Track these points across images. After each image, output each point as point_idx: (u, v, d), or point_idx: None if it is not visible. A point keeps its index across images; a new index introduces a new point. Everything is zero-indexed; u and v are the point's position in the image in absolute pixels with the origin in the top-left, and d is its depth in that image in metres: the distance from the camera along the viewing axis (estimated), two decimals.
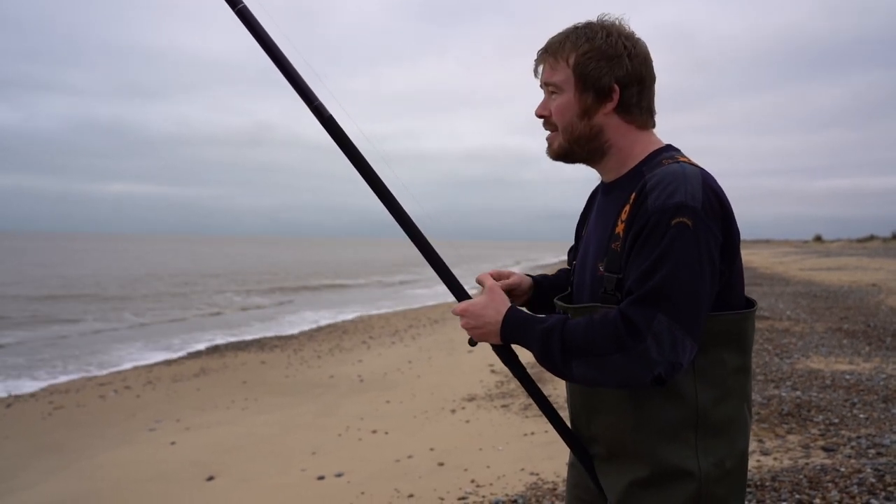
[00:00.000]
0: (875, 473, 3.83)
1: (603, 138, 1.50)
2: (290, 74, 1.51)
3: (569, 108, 1.48)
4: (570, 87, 1.48)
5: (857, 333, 9.47)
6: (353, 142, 1.54)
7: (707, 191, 1.36)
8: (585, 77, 1.46)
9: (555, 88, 1.50)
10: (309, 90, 1.52)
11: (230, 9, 1.49)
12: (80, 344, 13.04)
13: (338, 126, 1.52)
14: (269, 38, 1.51)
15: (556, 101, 1.50)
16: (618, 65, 1.44)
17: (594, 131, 1.49)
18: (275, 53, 1.50)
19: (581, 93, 1.47)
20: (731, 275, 1.42)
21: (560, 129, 1.51)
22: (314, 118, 1.52)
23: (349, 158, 1.54)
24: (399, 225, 1.56)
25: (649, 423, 1.43)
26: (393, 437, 5.59)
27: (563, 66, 1.48)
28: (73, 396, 8.07)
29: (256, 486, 4.62)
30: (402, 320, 15.46)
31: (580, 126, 1.49)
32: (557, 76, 1.49)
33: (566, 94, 1.48)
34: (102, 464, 5.31)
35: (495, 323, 1.49)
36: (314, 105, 1.51)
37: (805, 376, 6.63)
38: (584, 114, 1.48)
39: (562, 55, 1.48)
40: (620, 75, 1.45)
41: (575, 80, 1.47)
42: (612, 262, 1.44)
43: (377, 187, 1.55)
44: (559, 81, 1.48)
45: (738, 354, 1.45)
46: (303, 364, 9.70)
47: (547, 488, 4.09)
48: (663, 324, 1.30)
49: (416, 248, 1.58)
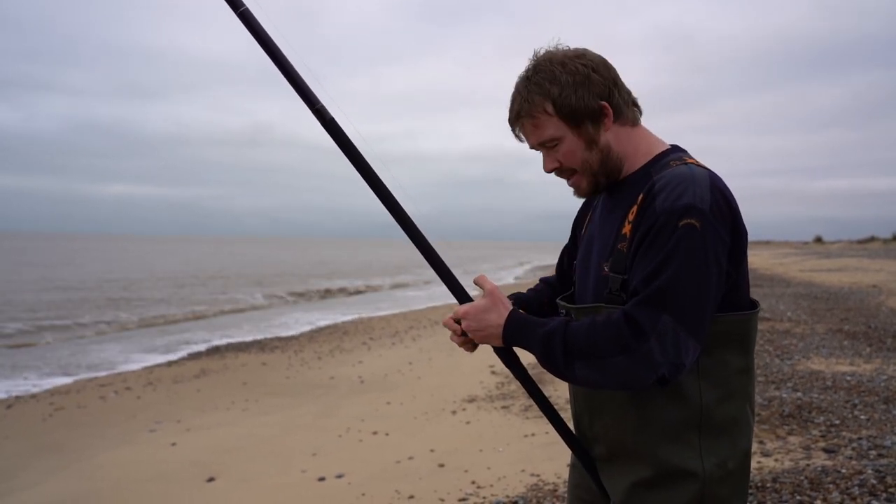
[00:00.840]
0: (876, 475, 3.82)
1: (614, 154, 1.50)
2: (293, 77, 1.50)
3: (576, 148, 1.48)
4: (565, 132, 1.47)
5: (857, 335, 9.46)
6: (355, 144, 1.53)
7: (715, 193, 1.36)
8: (574, 113, 1.45)
9: (552, 142, 1.49)
10: (311, 93, 1.51)
11: (233, 11, 1.47)
12: (80, 344, 13.04)
13: (340, 129, 1.52)
14: (271, 40, 1.50)
15: (560, 151, 1.49)
16: (591, 84, 1.44)
17: (605, 152, 1.49)
18: (277, 56, 1.49)
19: (579, 129, 1.47)
20: (738, 277, 1.42)
21: (580, 171, 1.51)
22: (314, 118, 1.51)
23: (351, 161, 1.53)
24: (401, 228, 1.55)
25: (652, 423, 1.43)
26: (393, 439, 5.58)
27: (547, 118, 1.47)
28: (73, 397, 8.06)
29: (257, 486, 4.62)
30: (402, 322, 15.44)
31: (593, 157, 1.49)
32: (548, 131, 1.48)
33: (566, 140, 1.48)
34: (103, 464, 5.31)
35: (497, 326, 1.49)
36: (316, 108, 1.50)
37: (806, 377, 6.63)
38: (591, 144, 1.48)
39: (537, 111, 1.47)
40: (599, 90, 1.45)
41: (566, 123, 1.46)
42: (617, 263, 1.43)
43: (379, 190, 1.54)
44: (553, 134, 1.48)
45: (741, 355, 1.45)
46: (303, 365, 9.69)
47: (548, 489, 4.09)
48: (668, 325, 1.30)
49: (419, 250, 1.57)
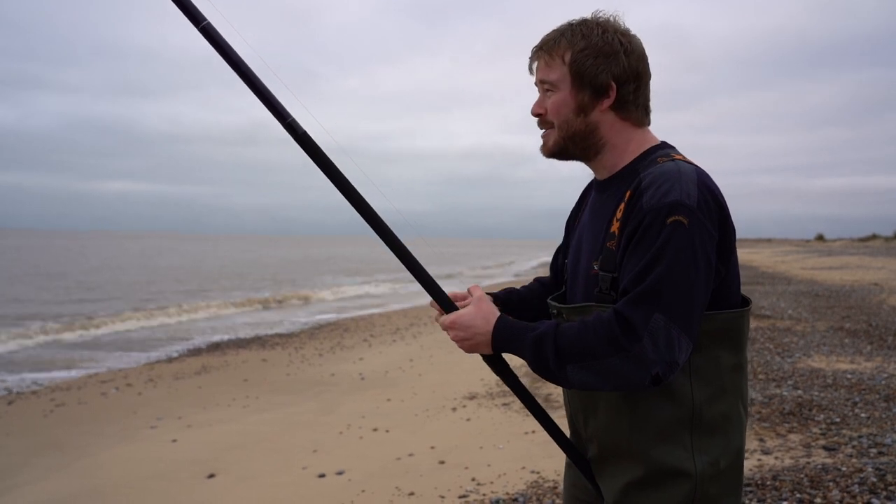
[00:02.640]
0: (876, 472, 3.82)
1: (598, 135, 1.48)
2: (261, 92, 1.44)
3: (565, 105, 1.47)
4: (566, 85, 1.46)
5: (858, 332, 9.45)
6: (330, 156, 1.48)
7: (702, 189, 1.35)
8: (582, 74, 1.44)
9: (550, 86, 1.48)
10: (281, 107, 1.45)
11: (194, 27, 1.42)
12: (79, 342, 13.05)
13: (312, 142, 1.46)
14: (236, 54, 1.44)
15: (551, 99, 1.49)
16: (614, 62, 1.43)
17: (590, 128, 1.47)
18: (243, 71, 1.43)
19: (577, 90, 1.45)
20: (728, 273, 1.42)
21: (556, 126, 1.50)
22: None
23: (326, 174, 1.48)
24: (382, 240, 1.50)
25: (645, 422, 1.42)
26: (394, 436, 5.59)
27: (559, 64, 1.46)
28: (74, 394, 8.07)
29: (257, 483, 4.62)
30: (403, 318, 15.45)
31: (576, 123, 1.47)
32: (553, 74, 1.47)
33: (562, 92, 1.47)
34: (103, 461, 5.32)
35: (485, 333, 1.47)
36: (287, 122, 1.45)
37: (806, 375, 6.62)
38: (581, 111, 1.47)
39: (557, 52, 1.46)
40: (617, 72, 1.44)
41: (571, 78, 1.45)
42: (607, 261, 1.42)
43: (358, 204, 1.49)
44: (555, 79, 1.47)
45: (733, 353, 1.45)
46: (304, 362, 9.70)
47: (548, 487, 4.09)
48: (660, 322, 1.29)
49: (400, 261, 1.52)
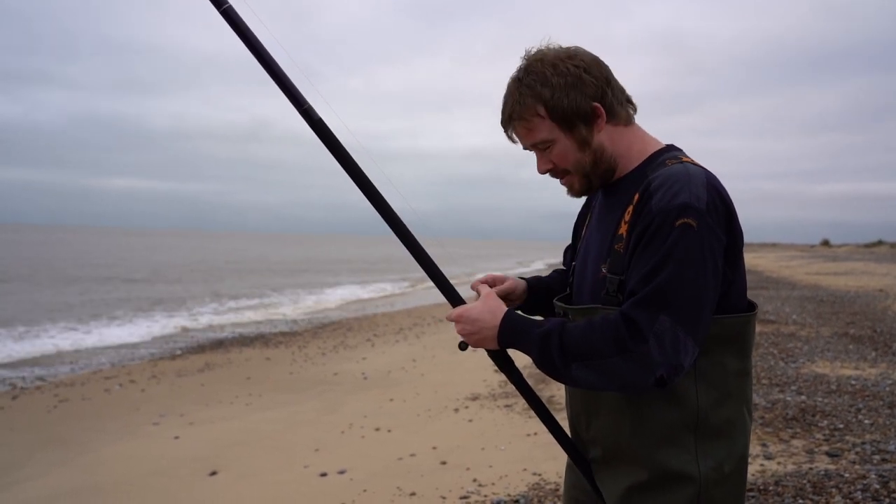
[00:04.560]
0: (879, 479, 3.81)
1: (607, 154, 1.49)
2: (279, 77, 1.46)
3: (569, 150, 1.48)
4: (558, 134, 1.46)
5: (863, 338, 9.42)
6: (345, 146, 1.49)
7: (711, 192, 1.35)
8: (566, 116, 1.44)
9: (544, 144, 1.48)
10: (298, 93, 1.46)
11: (216, 9, 1.43)
12: (79, 340, 13.08)
13: (328, 129, 1.48)
14: (255, 39, 1.45)
15: (553, 152, 1.49)
16: (583, 85, 1.43)
17: (598, 153, 1.48)
18: (262, 55, 1.45)
19: (571, 131, 1.46)
20: (735, 277, 1.42)
21: (572, 171, 1.50)
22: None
23: (340, 162, 1.49)
24: (391, 229, 1.52)
25: (649, 425, 1.42)
26: (396, 435, 5.59)
27: (539, 121, 1.46)
28: (78, 389, 8.10)
29: (259, 481, 4.63)
30: (406, 318, 15.45)
31: (586, 157, 1.48)
32: (541, 133, 1.47)
33: (559, 142, 1.47)
34: (106, 457, 5.33)
35: (492, 328, 1.46)
36: (304, 108, 1.46)
37: (810, 381, 6.60)
38: (584, 145, 1.47)
39: (529, 114, 1.45)
40: (591, 92, 1.44)
41: (559, 125, 1.45)
42: (615, 264, 1.42)
43: (368, 191, 1.51)
44: (545, 136, 1.47)
45: (739, 357, 1.44)
46: (307, 361, 9.71)
47: (549, 488, 4.09)
48: (666, 325, 1.29)
49: (409, 252, 1.54)
